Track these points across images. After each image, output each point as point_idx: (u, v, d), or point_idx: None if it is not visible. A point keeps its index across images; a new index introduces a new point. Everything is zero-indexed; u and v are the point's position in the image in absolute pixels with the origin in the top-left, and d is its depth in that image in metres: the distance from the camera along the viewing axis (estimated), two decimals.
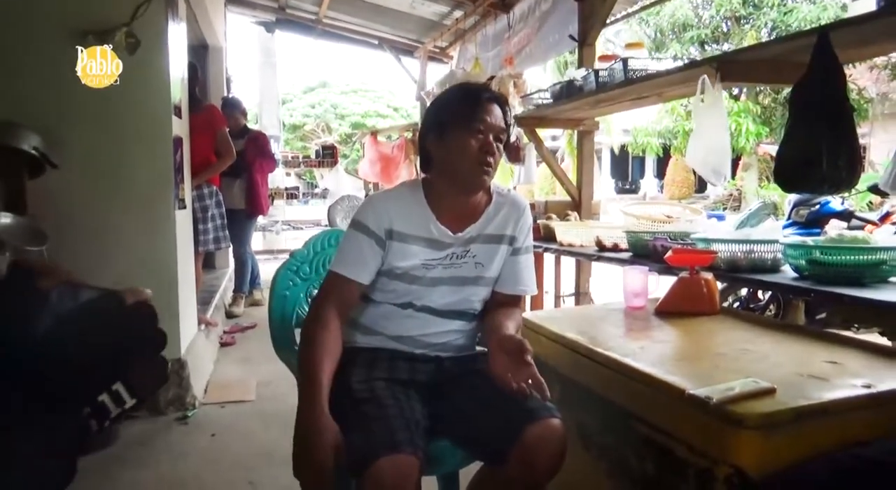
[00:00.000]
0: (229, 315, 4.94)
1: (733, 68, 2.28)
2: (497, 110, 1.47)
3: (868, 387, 1.25)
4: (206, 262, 4.81)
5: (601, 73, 3.09)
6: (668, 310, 1.94)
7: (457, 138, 1.44)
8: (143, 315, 0.73)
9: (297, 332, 1.77)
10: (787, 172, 1.97)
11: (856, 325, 3.56)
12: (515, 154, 4.47)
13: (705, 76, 2.30)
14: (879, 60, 13.39)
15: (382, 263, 1.48)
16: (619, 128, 18.58)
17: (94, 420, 0.67)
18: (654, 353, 1.54)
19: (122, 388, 0.68)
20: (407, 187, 1.56)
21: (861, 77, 14.08)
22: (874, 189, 4.17)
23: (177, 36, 3.03)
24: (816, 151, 1.82)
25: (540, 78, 12.08)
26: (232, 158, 4.13)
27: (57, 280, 0.70)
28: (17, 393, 0.63)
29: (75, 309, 0.67)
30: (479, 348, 1.63)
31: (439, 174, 1.51)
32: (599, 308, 2.13)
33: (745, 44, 11.15)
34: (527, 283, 1.60)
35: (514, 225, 1.56)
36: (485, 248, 1.52)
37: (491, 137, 1.44)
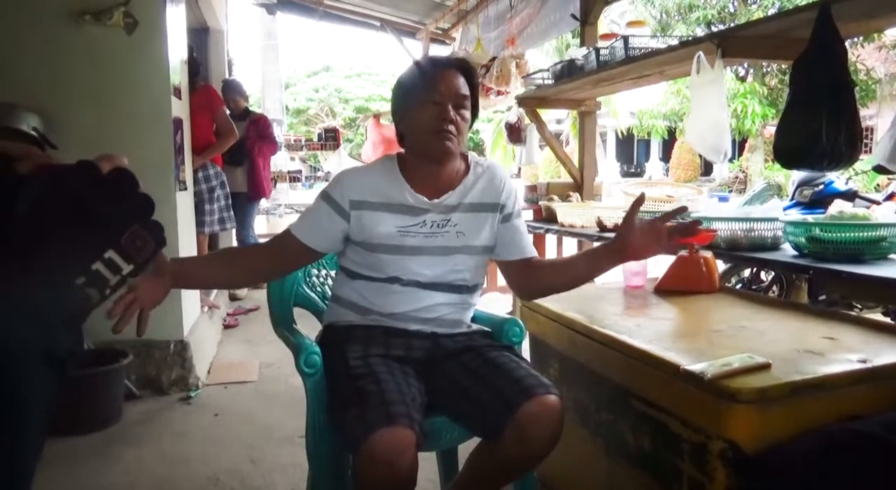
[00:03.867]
0: (232, 297, 4.96)
1: (734, 45, 2.25)
2: (455, 76, 1.47)
3: (864, 361, 1.26)
4: (210, 244, 4.82)
5: (602, 52, 3.06)
6: (667, 288, 1.94)
7: (414, 112, 1.47)
8: (123, 181, 0.73)
9: (296, 310, 1.78)
10: (788, 148, 1.95)
11: (858, 306, 3.56)
12: (516, 135, 4.45)
13: (701, 53, 2.27)
14: (888, 40, 13.22)
15: (355, 235, 1.49)
16: (625, 110, 18.45)
17: (94, 289, 0.68)
18: (650, 331, 1.54)
19: (115, 255, 0.69)
20: (381, 161, 1.60)
21: (869, 57, 13.90)
22: (879, 168, 4.13)
23: (175, 17, 3.01)
24: (817, 126, 1.80)
25: (539, 60, 12.00)
26: (234, 137, 4.10)
27: (34, 163, 0.70)
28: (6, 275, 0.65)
29: (52, 186, 0.68)
30: (475, 326, 1.62)
31: (409, 148, 1.54)
32: (598, 287, 2.13)
33: None
34: (529, 247, 1.60)
35: (497, 192, 1.56)
36: (468, 217, 1.52)
37: (449, 105, 1.44)
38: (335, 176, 1.57)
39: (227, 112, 4.36)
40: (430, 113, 1.44)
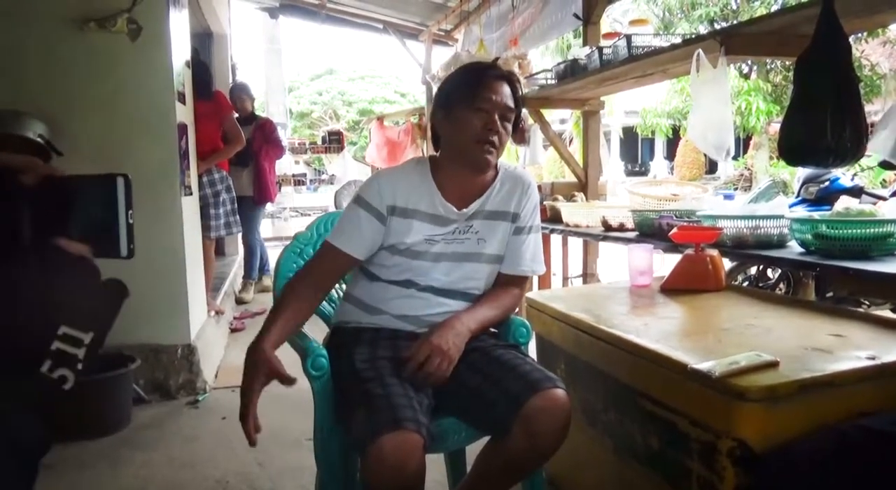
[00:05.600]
0: (239, 301, 4.98)
1: (738, 42, 2.25)
2: (504, 88, 1.46)
3: (873, 358, 1.25)
4: (217, 248, 4.84)
5: (605, 51, 3.06)
6: (674, 287, 1.93)
7: (461, 116, 1.44)
8: (52, 251, 0.69)
9: None
10: (792, 145, 1.94)
11: (866, 302, 3.54)
12: (520, 136, 4.45)
13: (700, 51, 2.27)
14: (892, 35, 13.16)
15: (385, 239, 1.48)
16: (620, 109, 18.45)
17: (65, 368, 0.64)
18: (657, 330, 1.54)
19: (69, 329, 0.65)
20: (413, 164, 1.57)
21: (873, 52, 13.84)
22: (884, 163, 4.11)
23: (179, 22, 3.02)
24: (821, 123, 1.79)
25: (539, 60, 11.99)
26: (241, 144, 4.12)
27: (38, 175, 0.67)
28: None
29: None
30: None
31: (446, 152, 1.52)
32: (604, 287, 2.13)
33: None
34: (528, 264, 1.59)
35: (518, 201, 1.55)
36: (486, 223, 1.52)
37: (496, 116, 1.44)
38: (368, 180, 1.55)
39: (235, 116, 4.39)
40: (477, 119, 1.43)
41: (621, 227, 2.84)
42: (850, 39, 1.92)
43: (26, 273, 0.64)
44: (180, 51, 3.01)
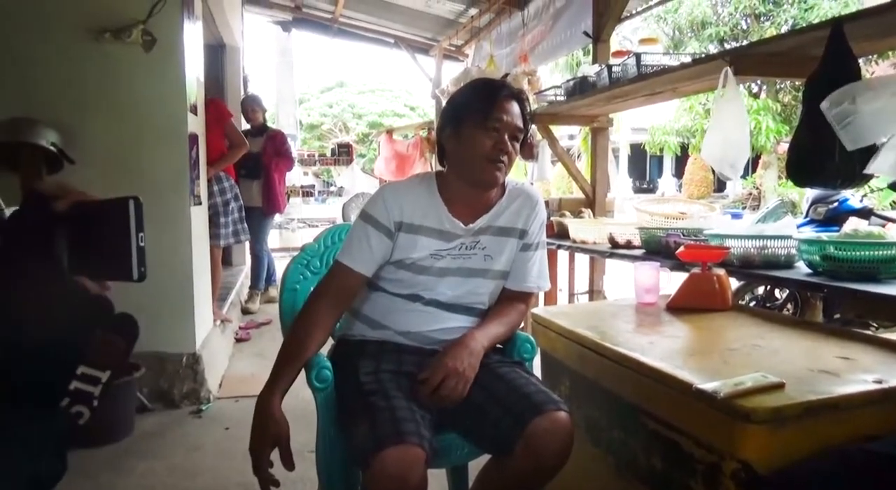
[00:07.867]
0: (245, 311, 4.99)
1: (747, 62, 2.25)
2: (515, 108, 1.46)
3: (879, 382, 1.24)
4: (224, 258, 4.86)
5: (614, 69, 3.07)
6: (680, 305, 1.93)
7: (471, 135, 1.44)
8: (69, 296, 0.70)
9: None
10: (800, 166, 1.94)
11: (874, 325, 3.51)
12: (529, 151, 4.46)
13: (728, 69, 2.26)
14: None
15: (391, 255, 1.48)
16: (629, 126, 18.48)
17: (81, 405, 0.66)
18: (663, 348, 1.53)
19: (87, 369, 0.66)
20: (419, 179, 1.57)
21: (883, 74, 13.83)
22: (894, 185, 4.10)
23: (193, 34, 3.06)
24: (829, 144, 1.79)
25: (547, 77, 12.05)
26: (245, 148, 4.14)
27: (70, 201, 0.67)
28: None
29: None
30: None
31: (453, 168, 1.52)
32: (610, 304, 2.12)
33: None
34: (534, 281, 1.59)
35: (526, 218, 1.56)
36: (495, 240, 1.53)
37: (506, 136, 1.44)
38: (374, 195, 1.53)
39: (246, 125, 4.40)
40: (487, 139, 1.43)
41: (628, 245, 2.84)
42: (860, 61, 1.92)
43: (51, 308, 0.65)
44: (193, 63, 3.04)
